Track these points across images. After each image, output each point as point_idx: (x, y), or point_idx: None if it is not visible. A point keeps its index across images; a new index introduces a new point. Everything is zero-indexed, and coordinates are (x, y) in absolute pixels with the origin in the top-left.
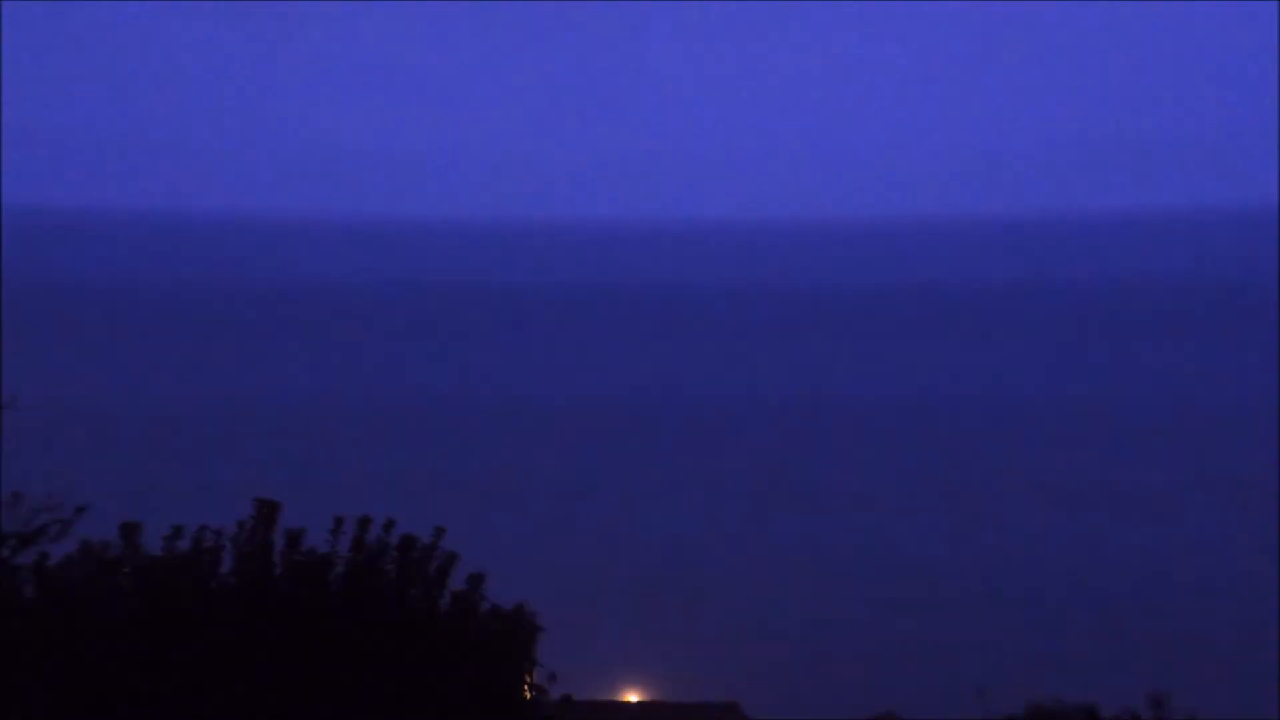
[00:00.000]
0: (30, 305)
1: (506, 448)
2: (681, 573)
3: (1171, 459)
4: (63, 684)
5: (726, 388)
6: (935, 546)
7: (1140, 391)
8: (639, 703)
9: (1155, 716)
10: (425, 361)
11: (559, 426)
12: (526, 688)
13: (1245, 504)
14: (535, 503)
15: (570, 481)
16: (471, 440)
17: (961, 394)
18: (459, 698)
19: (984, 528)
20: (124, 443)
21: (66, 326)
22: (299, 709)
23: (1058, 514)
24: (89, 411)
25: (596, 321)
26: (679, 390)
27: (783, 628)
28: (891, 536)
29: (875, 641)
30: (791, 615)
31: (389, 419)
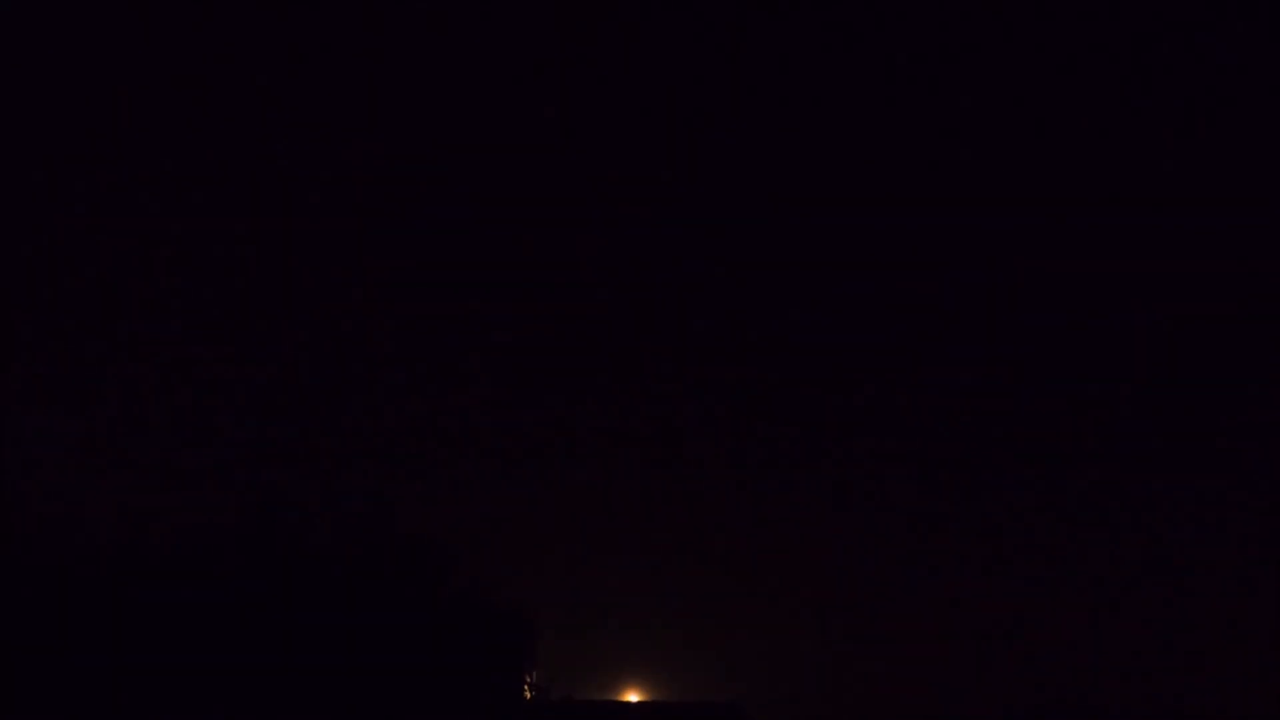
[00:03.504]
0: None
1: None
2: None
3: None
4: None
5: None
6: None
7: None
8: (639, 703)
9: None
10: None
11: None
12: (526, 688)
13: None
14: None
15: None
16: None
17: None
18: (459, 698)
19: None
20: None
21: None
22: (298, 707)
23: None
24: None
25: None
26: None
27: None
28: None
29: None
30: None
31: None
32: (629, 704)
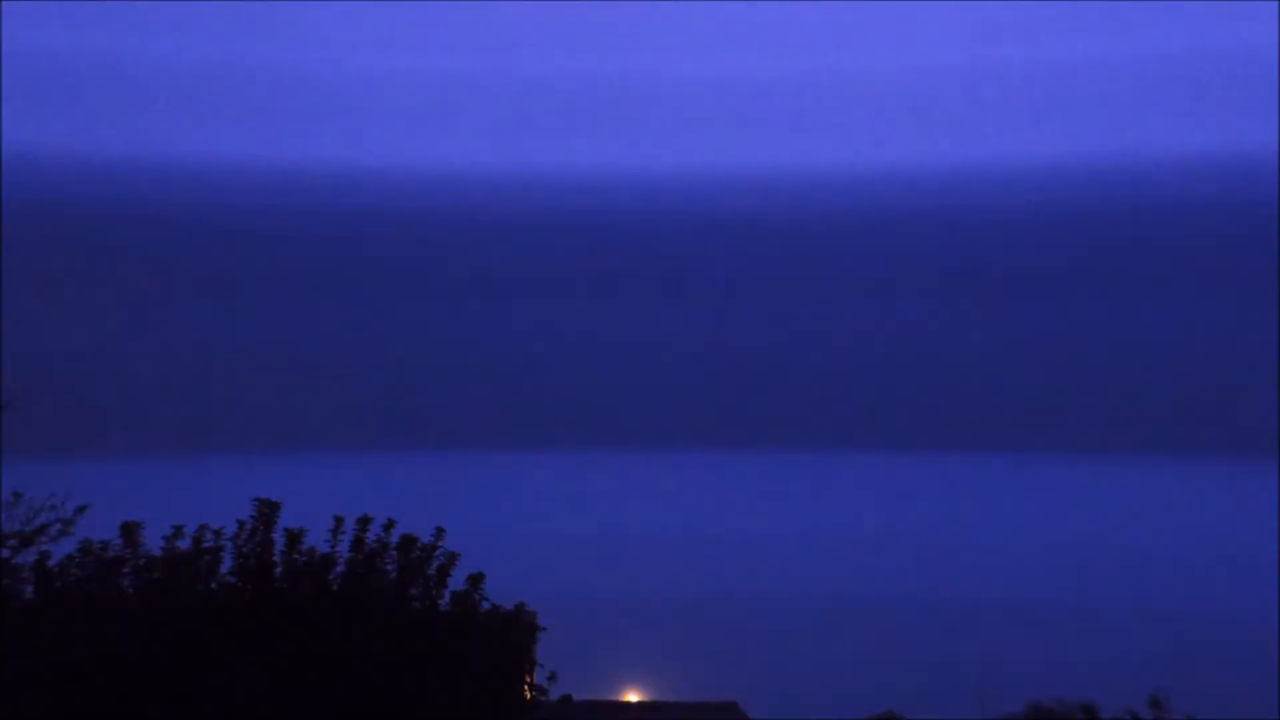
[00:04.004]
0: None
1: None
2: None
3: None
4: (60, 683)
5: None
6: None
7: None
8: (639, 703)
9: (1155, 717)
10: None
11: None
12: (526, 688)
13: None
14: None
15: None
16: None
17: None
18: (459, 698)
19: None
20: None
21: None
22: (299, 709)
23: None
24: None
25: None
26: None
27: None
28: None
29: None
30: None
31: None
32: (629, 704)
